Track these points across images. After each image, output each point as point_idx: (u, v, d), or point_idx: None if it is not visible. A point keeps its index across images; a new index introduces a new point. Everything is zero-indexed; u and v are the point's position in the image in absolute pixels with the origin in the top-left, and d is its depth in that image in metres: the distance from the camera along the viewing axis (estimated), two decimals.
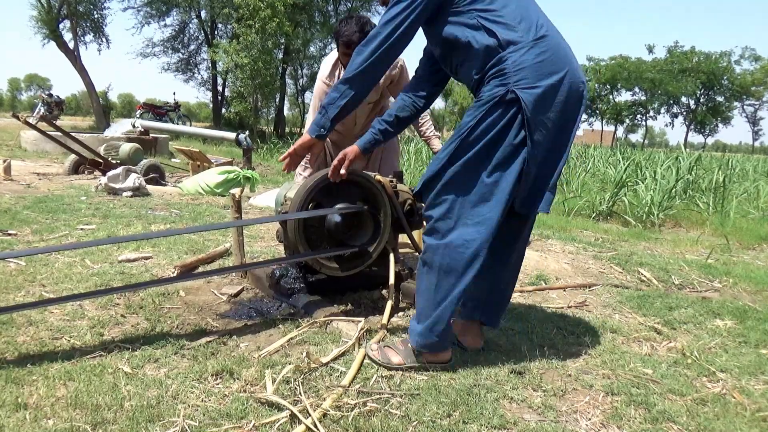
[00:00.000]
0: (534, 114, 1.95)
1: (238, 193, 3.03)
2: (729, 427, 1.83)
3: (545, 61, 1.96)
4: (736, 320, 2.94)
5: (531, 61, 1.96)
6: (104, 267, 3.25)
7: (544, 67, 1.96)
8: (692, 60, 55.41)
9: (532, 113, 1.94)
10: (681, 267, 4.23)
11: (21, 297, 2.67)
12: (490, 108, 1.98)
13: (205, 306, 2.76)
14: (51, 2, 21.34)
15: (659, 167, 9.62)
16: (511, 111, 1.96)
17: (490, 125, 1.98)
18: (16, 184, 6.52)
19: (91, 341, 2.24)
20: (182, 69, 27.87)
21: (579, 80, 2.03)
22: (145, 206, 5.46)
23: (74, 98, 74.29)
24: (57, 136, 8.14)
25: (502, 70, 1.98)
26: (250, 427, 1.66)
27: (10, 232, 3.96)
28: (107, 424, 1.64)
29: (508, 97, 1.95)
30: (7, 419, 1.63)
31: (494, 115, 1.98)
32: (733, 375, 2.26)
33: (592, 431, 1.78)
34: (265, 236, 4.44)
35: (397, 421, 1.74)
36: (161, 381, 1.91)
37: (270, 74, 19.64)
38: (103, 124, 20.06)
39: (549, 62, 1.97)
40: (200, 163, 8.36)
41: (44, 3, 21.07)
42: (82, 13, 22.66)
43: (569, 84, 1.99)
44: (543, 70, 1.96)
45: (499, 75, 1.99)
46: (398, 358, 2.15)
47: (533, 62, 1.96)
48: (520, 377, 2.10)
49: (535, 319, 2.79)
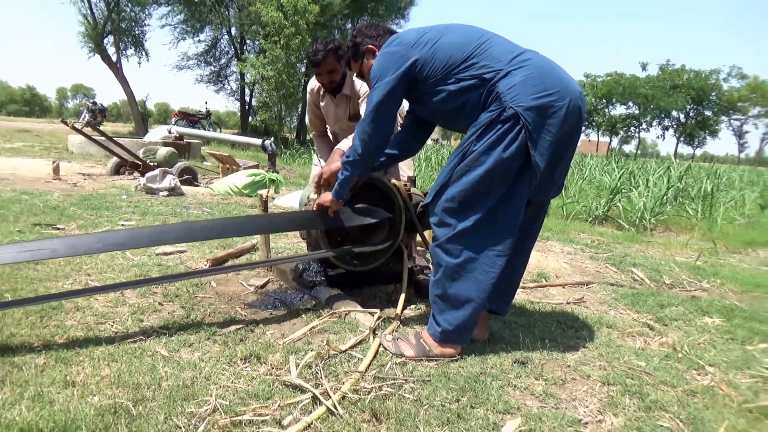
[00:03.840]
0: (534, 127, 1.92)
1: (265, 194, 3.04)
2: (717, 417, 1.81)
3: (533, 78, 1.95)
4: (723, 318, 2.90)
5: (519, 80, 1.95)
6: (143, 259, 3.28)
7: (534, 84, 1.94)
8: (683, 77, 54.75)
9: (532, 126, 1.92)
10: (672, 268, 4.18)
11: (69, 285, 2.70)
12: (488, 125, 1.97)
13: (234, 296, 2.78)
14: (97, 20, 21.58)
15: (651, 176, 9.52)
16: (514, 128, 1.94)
17: (493, 142, 1.96)
18: (64, 184, 6.60)
19: (132, 326, 2.26)
20: (213, 80, 28.03)
21: (577, 97, 1.99)
22: (180, 205, 5.50)
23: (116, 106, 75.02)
24: (101, 140, 8.22)
25: (496, 96, 1.98)
26: (276, 407, 1.67)
27: (59, 227, 4.01)
28: (147, 401, 1.65)
29: (507, 113, 1.93)
30: (57, 395, 1.65)
31: (495, 131, 1.96)
32: (721, 369, 2.23)
33: (590, 417, 1.76)
34: (289, 234, 4.45)
35: (410, 405, 1.74)
36: (195, 363, 1.92)
37: (293, 86, 19.68)
38: (141, 129, 20.25)
39: (538, 81, 1.94)
40: (229, 166, 8.40)
41: (90, 20, 21.31)
42: (125, 29, 22.87)
43: (568, 101, 1.95)
44: (535, 87, 1.93)
45: (495, 100, 1.98)
46: (411, 351, 2.14)
47: (522, 80, 1.95)
48: (523, 367, 2.09)
49: (536, 314, 2.78)
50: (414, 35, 2.13)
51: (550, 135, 1.94)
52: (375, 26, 2.41)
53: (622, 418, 1.77)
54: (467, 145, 2.03)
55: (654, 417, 1.78)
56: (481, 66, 2.02)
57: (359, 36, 2.37)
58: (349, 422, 1.62)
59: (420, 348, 2.14)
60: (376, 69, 2.13)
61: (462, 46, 2.05)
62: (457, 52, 2.04)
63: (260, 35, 21.08)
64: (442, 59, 2.05)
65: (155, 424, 1.53)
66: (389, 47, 2.15)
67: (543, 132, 1.94)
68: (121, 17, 22.50)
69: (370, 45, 2.34)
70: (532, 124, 1.92)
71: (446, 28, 2.13)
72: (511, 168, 1.98)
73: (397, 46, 2.12)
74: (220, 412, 1.62)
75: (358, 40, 2.36)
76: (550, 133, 1.94)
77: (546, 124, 1.94)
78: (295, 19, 18.13)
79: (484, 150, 1.97)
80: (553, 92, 1.94)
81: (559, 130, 1.95)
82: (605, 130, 58.93)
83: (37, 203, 4.86)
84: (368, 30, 2.38)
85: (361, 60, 2.40)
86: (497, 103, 1.97)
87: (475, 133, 2.01)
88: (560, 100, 1.94)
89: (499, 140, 1.96)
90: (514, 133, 1.94)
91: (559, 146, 1.99)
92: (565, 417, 1.74)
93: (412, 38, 2.11)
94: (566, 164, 2.14)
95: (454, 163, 2.07)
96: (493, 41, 2.08)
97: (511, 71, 1.98)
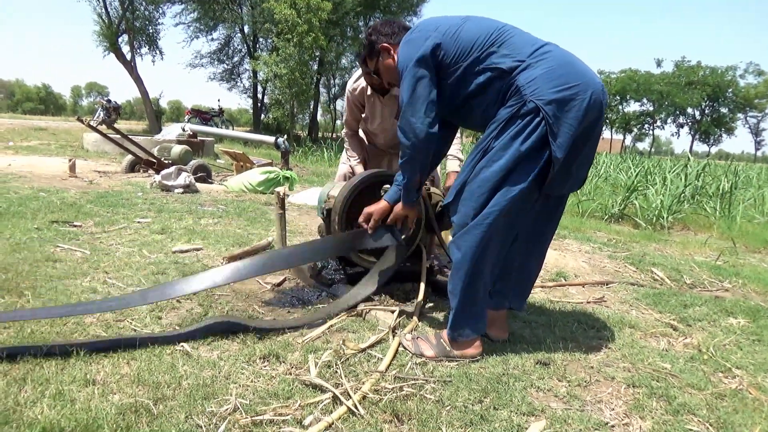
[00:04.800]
0: (554, 120, 1.89)
1: (283, 191, 3.03)
2: (747, 422, 1.76)
3: (554, 71, 1.92)
4: (749, 319, 2.84)
5: (540, 73, 1.93)
6: (159, 257, 3.28)
7: (555, 78, 1.91)
8: (698, 74, 54.12)
9: (552, 119, 1.88)
10: (692, 267, 4.11)
11: (87, 282, 2.70)
12: (508, 120, 1.95)
13: (252, 294, 2.77)
14: (111, 19, 21.75)
15: (668, 173, 9.40)
16: (533, 121, 1.91)
17: (512, 137, 1.93)
18: (80, 181, 6.64)
19: (151, 324, 2.26)
20: (226, 78, 28.19)
21: (599, 90, 1.96)
22: (194, 202, 5.51)
23: (129, 104, 75.52)
24: (116, 138, 8.26)
25: (515, 89, 1.96)
26: (296, 407, 1.65)
27: (76, 224, 4.03)
28: (167, 400, 1.64)
29: (528, 107, 1.91)
30: (78, 393, 1.64)
31: (515, 126, 1.93)
32: (749, 372, 2.17)
33: (616, 420, 1.72)
34: (304, 231, 4.44)
35: (432, 406, 1.71)
36: (215, 362, 1.91)
37: (305, 84, 19.71)
38: (155, 127, 20.38)
39: (559, 74, 1.92)
40: (243, 163, 8.41)
41: (105, 19, 21.48)
42: (139, 28, 23.02)
43: (589, 94, 1.92)
44: (556, 81, 1.91)
45: (514, 94, 1.96)
46: (431, 351, 2.11)
47: (542, 73, 1.93)
48: (545, 368, 2.05)
49: (556, 313, 2.74)
50: (435, 22, 2.12)
51: (571, 129, 1.91)
52: (390, 23, 2.38)
53: (649, 421, 1.73)
54: (487, 142, 2.00)
55: (682, 421, 1.74)
56: (502, 55, 1.99)
57: (374, 34, 2.36)
58: (371, 423, 1.59)
59: (440, 348, 2.11)
60: (401, 59, 2.11)
61: (483, 33, 2.03)
62: (479, 39, 2.02)
63: (273, 33, 21.12)
64: (463, 45, 2.03)
65: (176, 423, 1.51)
66: (411, 35, 2.14)
67: (563, 125, 1.90)
68: (136, 16, 22.63)
69: (385, 43, 2.32)
70: (552, 118, 1.89)
71: (467, 17, 2.12)
72: (529, 161, 1.94)
73: (419, 32, 2.11)
74: (241, 412, 1.60)
75: (374, 38, 2.35)
76: (570, 127, 1.90)
77: (566, 117, 1.90)
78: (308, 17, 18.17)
79: (503, 146, 1.95)
80: (574, 85, 1.91)
81: (579, 123, 1.91)
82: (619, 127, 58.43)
83: (54, 200, 4.89)
84: (383, 28, 2.36)
85: (376, 58, 2.38)
86: (516, 98, 1.95)
87: (495, 130, 1.98)
88: (581, 94, 1.91)
89: (518, 134, 1.93)
90: (533, 126, 1.91)
91: (578, 140, 1.96)
92: (591, 419, 1.70)
93: (433, 25, 2.10)
94: (586, 157, 2.09)
95: (474, 161, 2.04)
96: (514, 32, 2.07)
97: (531, 64, 1.95)
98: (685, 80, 53.74)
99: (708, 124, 56.32)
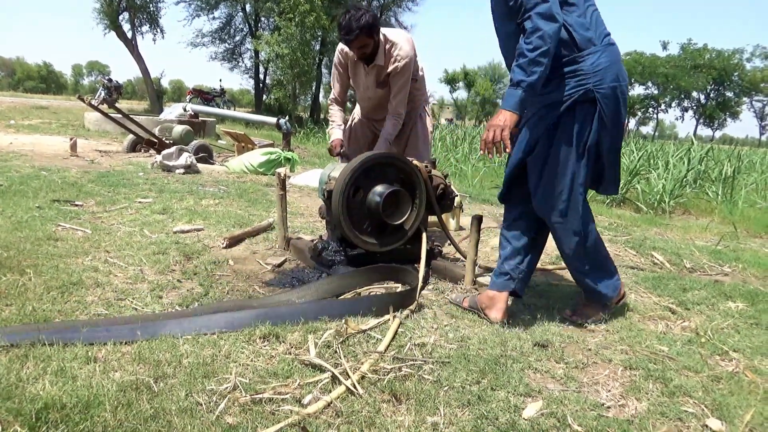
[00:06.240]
0: (607, 112, 2.00)
1: (284, 172, 3.02)
2: (742, 404, 1.77)
3: (614, 65, 2.01)
4: (747, 303, 2.84)
5: (605, 63, 1.99)
6: (161, 237, 3.29)
7: (613, 70, 2.00)
8: (704, 57, 53.56)
9: (606, 111, 2.00)
10: (692, 252, 4.11)
11: (88, 261, 2.71)
12: (568, 107, 2.01)
13: (252, 275, 2.78)
14: None
15: (671, 157, 9.35)
16: (589, 111, 2.00)
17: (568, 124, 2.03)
18: (81, 160, 6.64)
19: (151, 303, 2.27)
20: (228, 58, 27.99)
21: (625, 81, 2.08)
22: (196, 182, 5.50)
23: (130, 83, 75.07)
24: (117, 117, 8.23)
25: (578, 71, 2.01)
26: (296, 386, 1.66)
27: (77, 203, 4.04)
28: (168, 378, 1.65)
29: (589, 97, 1.99)
30: (80, 370, 1.65)
31: (572, 114, 2.02)
32: (746, 355, 2.18)
33: (612, 401, 1.74)
34: (305, 213, 4.44)
35: (430, 386, 1.73)
36: (215, 342, 1.92)
37: (308, 64, 19.59)
38: (156, 107, 20.30)
39: (616, 66, 2.02)
40: (245, 144, 8.39)
41: None
42: (140, 6, 22.83)
43: (624, 85, 2.05)
44: (613, 73, 2.00)
45: (576, 75, 2.01)
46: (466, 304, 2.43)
47: (607, 65, 1.99)
48: (543, 350, 2.07)
49: (555, 296, 2.75)
50: None
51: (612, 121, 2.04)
52: None
53: (645, 402, 1.74)
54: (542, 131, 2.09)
55: (678, 402, 1.75)
56: (580, 25, 1.99)
57: None
58: (369, 402, 1.61)
59: (472, 301, 2.40)
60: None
61: None
62: None
63: (275, 12, 20.90)
64: None
65: (177, 400, 1.53)
66: None
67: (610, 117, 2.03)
68: None
69: None
70: (606, 109, 2.00)
71: None
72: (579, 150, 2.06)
73: None
74: (240, 390, 1.62)
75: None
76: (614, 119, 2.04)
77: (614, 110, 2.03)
78: None
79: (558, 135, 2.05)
80: (623, 79, 2.05)
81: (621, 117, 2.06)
82: None
83: (56, 179, 4.89)
84: None
85: None
86: (578, 80, 1.99)
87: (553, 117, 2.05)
88: (624, 88, 2.05)
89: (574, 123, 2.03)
90: (590, 116, 2.01)
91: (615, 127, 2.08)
92: (588, 401, 1.71)
93: None
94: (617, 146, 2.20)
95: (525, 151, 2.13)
96: (596, 8, 2.11)
97: (600, 51, 2.00)
98: (691, 63, 53.22)
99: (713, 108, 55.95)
